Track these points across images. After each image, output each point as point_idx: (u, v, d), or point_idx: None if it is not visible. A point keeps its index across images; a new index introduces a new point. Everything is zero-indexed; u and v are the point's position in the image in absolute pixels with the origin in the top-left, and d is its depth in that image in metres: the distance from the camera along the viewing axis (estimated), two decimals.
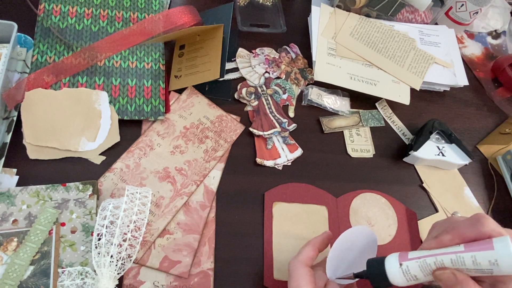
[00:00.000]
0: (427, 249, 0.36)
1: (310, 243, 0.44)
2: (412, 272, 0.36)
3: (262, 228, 0.53)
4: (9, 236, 0.44)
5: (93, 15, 0.59)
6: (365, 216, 0.56)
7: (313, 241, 0.44)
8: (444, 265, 0.34)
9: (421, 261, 0.35)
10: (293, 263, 0.42)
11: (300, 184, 0.57)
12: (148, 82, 0.58)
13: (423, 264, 0.35)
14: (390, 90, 0.66)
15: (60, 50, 0.56)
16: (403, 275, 0.36)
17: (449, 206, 0.60)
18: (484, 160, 0.67)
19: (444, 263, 0.34)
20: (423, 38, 0.73)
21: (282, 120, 0.60)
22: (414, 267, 0.36)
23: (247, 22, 0.68)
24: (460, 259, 0.33)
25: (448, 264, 0.34)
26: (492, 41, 0.83)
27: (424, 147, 0.60)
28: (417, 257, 0.36)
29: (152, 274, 0.47)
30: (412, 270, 0.36)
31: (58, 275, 0.43)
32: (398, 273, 0.36)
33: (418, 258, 0.36)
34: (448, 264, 0.34)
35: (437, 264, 0.35)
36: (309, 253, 0.42)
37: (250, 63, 0.65)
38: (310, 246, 0.43)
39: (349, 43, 0.68)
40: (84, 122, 0.53)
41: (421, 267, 0.35)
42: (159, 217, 0.50)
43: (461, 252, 0.34)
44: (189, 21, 0.60)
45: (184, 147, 0.55)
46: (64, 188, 0.48)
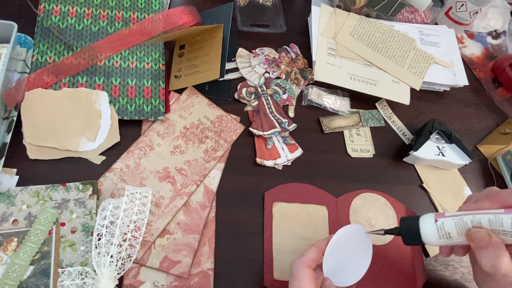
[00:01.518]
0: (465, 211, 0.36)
1: (315, 245, 0.43)
2: (447, 228, 0.35)
3: (262, 228, 0.53)
4: (9, 236, 0.44)
5: (93, 15, 0.59)
6: (365, 216, 0.56)
7: (318, 244, 0.44)
8: (481, 224, 0.34)
9: (458, 218, 0.35)
10: (296, 263, 0.42)
11: (300, 184, 0.57)
12: (148, 82, 0.58)
13: (459, 222, 0.35)
14: (390, 90, 0.66)
15: (60, 50, 0.56)
16: (437, 231, 0.36)
17: (449, 206, 0.60)
18: (484, 160, 0.67)
19: (481, 222, 0.34)
20: (423, 38, 0.73)
21: (282, 120, 0.60)
22: (450, 224, 0.35)
23: (247, 22, 0.68)
24: (499, 219, 0.33)
25: (486, 224, 0.33)
26: (492, 41, 0.83)
27: (424, 147, 0.60)
28: (454, 215, 0.35)
29: (152, 274, 0.47)
30: (447, 227, 0.35)
31: (58, 275, 0.43)
32: (432, 228, 0.36)
33: (455, 215, 0.35)
34: (486, 224, 0.33)
35: (474, 222, 0.34)
36: (313, 254, 0.42)
37: (250, 63, 0.65)
38: (315, 248, 0.43)
39: (349, 43, 0.68)
40: (84, 122, 0.53)
41: (457, 224, 0.35)
42: (159, 217, 0.50)
43: (501, 214, 0.33)
44: (189, 21, 0.60)
45: (184, 147, 0.55)
46: (64, 188, 0.48)
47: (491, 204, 0.35)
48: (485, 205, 0.35)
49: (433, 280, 0.54)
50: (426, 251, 0.56)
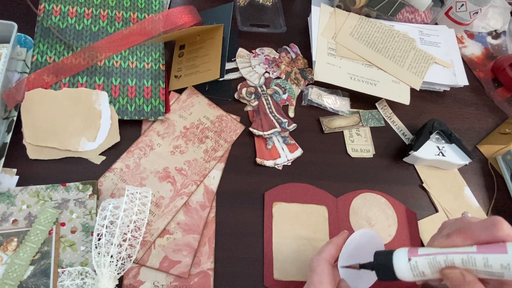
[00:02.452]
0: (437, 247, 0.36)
1: (333, 242, 0.44)
2: (421, 268, 0.35)
3: (262, 228, 0.53)
4: (9, 236, 0.44)
5: (93, 15, 0.59)
6: (365, 216, 0.56)
7: (335, 241, 0.44)
8: (454, 264, 0.34)
9: (431, 258, 0.35)
10: (317, 259, 0.42)
11: (300, 184, 0.57)
12: (148, 82, 0.58)
13: (432, 262, 0.35)
14: (390, 90, 0.66)
15: (60, 50, 0.56)
16: (411, 270, 0.36)
17: (449, 206, 0.60)
18: (484, 160, 0.67)
19: (454, 262, 0.34)
20: (423, 38, 0.73)
21: (282, 120, 0.60)
22: (423, 263, 0.35)
23: (247, 22, 0.68)
24: (472, 259, 0.33)
25: (459, 263, 0.34)
26: (492, 41, 0.83)
27: (424, 147, 0.60)
28: (428, 254, 0.36)
29: (152, 274, 0.47)
30: (421, 266, 0.35)
31: (58, 275, 0.43)
32: (406, 267, 0.36)
33: (428, 254, 0.35)
34: (459, 263, 0.34)
35: (447, 262, 0.34)
36: (331, 251, 0.43)
37: (250, 63, 0.65)
38: (333, 245, 0.44)
39: (349, 43, 0.68)
40: (84, 122, 0.53)
41: (430, 264, 0.35)
42: (159, 217, 0.50)
43: (473, 253, 0.33)
44: (189, 21, 0.60)
45: (184, 147, 0.55)
46: (64, 188, 0.48)
47: (463, 241, 0.35)
48: (457, 241, 0.35)
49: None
50: None
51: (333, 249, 0.43)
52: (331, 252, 0.43)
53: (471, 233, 0.35)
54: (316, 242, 0.53)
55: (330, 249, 0.43)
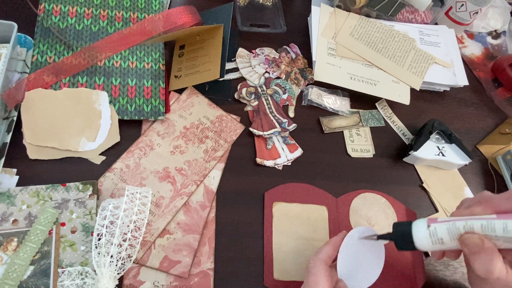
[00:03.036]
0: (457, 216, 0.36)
1: (330, 243, 0.44)
2: (439, 234, 0.35)
3: (262, 228, 0.53)
4: (9, 236, 0.44)
5: (93, 15, 0.59)
6: (365, 216, 0.56)
7: (333, 241, 0.44)
8: (473, 229, 0.34)
9: (450, 223, 0.35)
10: (313, 259, 0.42)
11: (300, 184, 0.57)
12: (148, 82, 0.58)
13: (451, 227, 0.35)
14: (390, 90, 0.66)
15: (60, 50, 0.56)
16: (429, 237, 0.36)
17: (449, 206, 0.60)
18: (484, 160, 0.67)
19: (473, 228, 0.34)
20: (423, 38, 0.73)
21: (282, 120, 0.60)
22: (442, 229, 0.35)
23: (247, 22, 0.68)
24: (491, 225, 0.33)
25: (478, 229, 0.33)
26: (492, 41, 0.83)
27: (424, 147, 0.60)
28: (447, 220, 0.36)
29: (152, 274, 0.47)
30: (440, 232, 0.35)
31: (58, 275, 0.43)
32: (425, 234, 0.36)
33: (447, 221, 0.35)
34: (478, 229, 0.33)
35: (467, 228, 0.34)
36: (329, 251, 0.43)
37: (250, 63, 0.65)
38: (330, 246, 0.44)
39: (349, 43, 0.68)
40: (84, 122, 0.53)
41: (449, 229, 0.35)
42: (159, 217, 0.50)
43: (493, 219, 0.33)
44: (189, 21, 0.60)
45: (184, 147, 0.55)
46: (64, 188, 0.48)
47: (483, 210, 0.35)
48: (477, 210, 0.35)
49: (433, 280, 0.54)
50: (426, 251, 0.56)
51: (330, 249, 0.43)
52: (328, 253, 0.43)
53: (491, 203, 0.35)
54: (316, 242, 0.53)
55: (327, 250, 0.43)
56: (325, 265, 0.42)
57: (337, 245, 0.44)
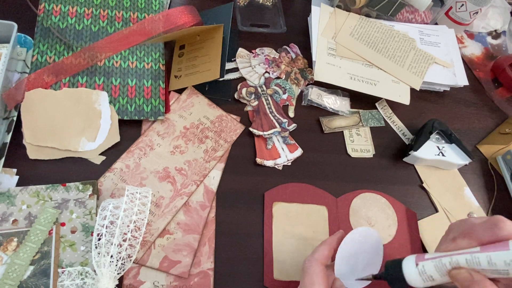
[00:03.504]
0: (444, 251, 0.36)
1: (326, 243, 0.44)
2: (428, 272, 0.36)
3: (262, 228, 0.53)
4: (9, 236, 0.44)
5: (93, 15, 0.59)
6: (365, 216, 0.56)
7: (329, 241, 0.44)
8: (459, 265, 0.34)
9: (436, 261, 0.35)
10: (309, 260, 0.42)
11: (300, 184, 0.57)
12: (148, 82, 0.58)
13: (438, 264, 0.35)
14: (390, 90, 0.66)
15: (60, 50, 0.56)
16: (419, 276, 0.36)
17: (449, 206, 0.60)
18: (484, 160, 0.67)
19: (459, 263, 0.34)
20: (423, 38, 0.73)
21: (282, 120, 0.60)
22: (430, 267, 0.36)
23: (247, 22, 0.68)
24: (475, 259, 0.33)
25: (463, 264, 0.34)
26: (492, 41, 0.83)
27: (424, 147, 0.60)
28: (433, 257, 0.36)
29: (152, 274, 0.47)
30: (428, 270, 0.36)
31: (58, 275, 0.43)
32: (415, 273, 0.37)
33: (433, 258, 0.36)
34: (463, 264, 0.34)
35: (452, 264, 0.34)
36: (325, 251, 0.43)
37: (250, 63, 0.65)
38: (326, 246, 0.44)
39: (349, 43, 0.68)
40: (84, 122, 0.53)
41: (437, 267, 0.35)
42: (159, 217, 0.50)
43: (477, 253, 0.33)
44: (189, 21, 0.60)
45: (184, 147, 0.55)
46: (64, 188, 0.48)
47: (468, 243, 0.35)
48: (462, 244, 0.35)
49: None
50: (426, 251, 0.56)
51: (326, 249, 0.43)
52: (324, 253, 0.43)
53: (474, 235, 0.35)
54: (316, 242, 0.53)
55: (323, 250, 0.43)
56: (321, 265, 0.42)
57: (333, 245, 0.44)
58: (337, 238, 0.44)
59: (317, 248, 0.44)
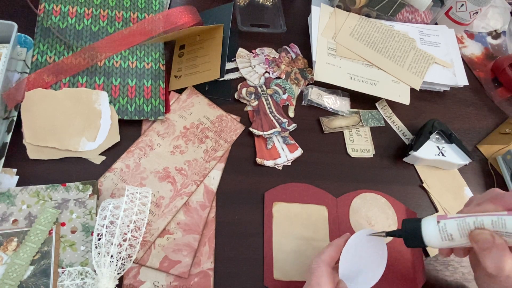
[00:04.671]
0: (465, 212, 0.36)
1: (333, 244, 0.44)
2: (449, 230, 0.35)
3: (262, 228, 0.53)
4: (9, 236, 0.44)
5: (93, 15, 0.59)
6: (365, 216, 0.56)
7: (335, 243, 0.44)
8: (483, 226, 0.33)
9: (460, 220, 0.35)
10: (316, 261, 0.42)
11: (300, 184, 0.57)
12: (148, 82, 0.58)
13: (461, 223, 0.34)
14: (390, 90, 0.66)
15: (60, 50, 0.56)
16: (439, 233, 0.35)
17: (449, 206, 0.60)
18: (484, 160, 0.67)
19: (484, 224, 0.33)
20: (423, 38, 0.73)
21: (282, 120, 0.60)
22: (452, 225, 0.35)
23: (247, 22, 0.68)
24: (502, 221, 0.33)
25: (488, 225, 0.33)
26: (492, 41, 0.83)
27: (424, 147, 0.60)
28: (457, 217, 0.35)
29: (152, 274, 0.47)
30: (449, 228, 0.35)
31: (58, 275, 0.43)
32: (434, 230, 0.36)
33: (458, 217, 0.35)
34: (488, 225, 0.33)
35: (477, 224, 0.34)
36: (331, 253, 0.43)
37: (250, 63, 0.65)
38: (333, 247, 0.44)
39: (349, 43, 0.68)
40: (84, 122, 0.53)
41: (459, 226, 0.34)
42: (159, 217, 0.50)
43: (504, 215, 0.33)
44: (189, 21, 0.60)
45: (184, 147, 0.55)
46: (64, 188, 0.48)
47: (494, 207, 0.35)
48: (488, 207, 0.35)
49: (433, 280, 0.54)
50: (426, 251, 0.56)
51: (333, 251, 0.43)
52: (331, 254, 0.43)
53: (503, 200, 0.35)
54: (316, 242, 0.53)
55: (330, 251, 0.43)
56: (328, 266, 0.42)
57: (340, 247, 0.44)
58: (344, 240, 0.44)
59: (325, 249, 0.44)
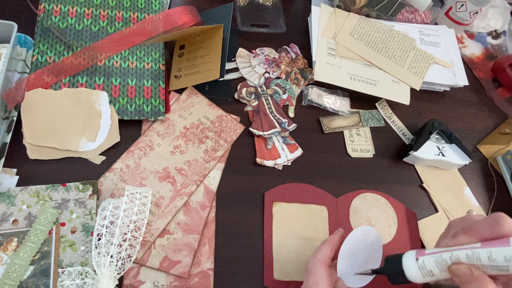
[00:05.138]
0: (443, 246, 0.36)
1: (328, 242, 0.44)
2: (428, 267, 0.36)
3: (262, 228, 0.53)
4: (9, 236, 0.44)
5: (93, 15, 0.59)
6: (365, 216, 0.56)
7: (330, 240, 0.44)
8: (459, 260, 0.34)
9: (436, 256, 0.35)
10: (313, 260, 0.42)
11: (300, 184, 0.57)
12: (148, 82, 0.58)
13: (438, 259, 0.35)
14: (390, 90, 0.66)
15: (60, 50, 0.56)
16: (419, 270, 0.36)
17: (449, 206, 0.60)
18: (484, 160, 0.67)
19: (459, 258, 0.34)
20: (423, 38, 0.73)
21: (282, 120, 0.60)
22: (430, 262, 0.36)
23: (247, 22, 0.68)
24: (476, 254, 0.33)
25: (464, 259, 0.34)
26: (492, 41, 0.83)
27: (424, 147, 0.60)
28: (433, 252, 0.36)
29: (152, 274, 0.47)
30: (428, 265, 0.36)
31: (58, 275, 0.43)
32: (415, 268, 0.36)
33: (434, 253, 0.36)
34: (464, 259, 0.34)
35: (453, 259, 0.34)
36: (327, 251, 0.43)
37: (250, 63, 0.65)
38: (328, 245, 0.44)
39: (349, 43, 0.68)
40: (84, 122, 0.53)
41: (437, 262, 0.35)
42: (159, 217, 0.50)
43: (477, 248, 0.33)
44: (189, 21, 0.60)
45: (184, 147, 0.55)
46: (64, 188, 0.48)
47: (469, 239, 0.35)
48: (463, 239, 0.35)
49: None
50: None
51: (328, 249, 0.43)
52: (326, 253, 0.43)
53: (475, 231, 0.35)
54: (316, 242, 0.53)
55: (325, 250, 0.43)
56: (325, 265, 0.42)
57: (335, 244, 0.44)
58: (338, 237, 0.45)
59: (319, 248, 0.44)
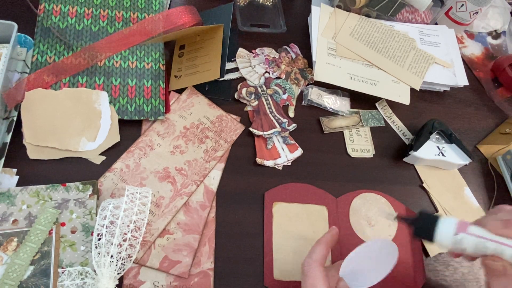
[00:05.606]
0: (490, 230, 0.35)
1: (322, 242, 0.44)
2: (465, 245, 0.34)
3: (262, 228, 0.53)
4: (9, 236, 0.44)
5: (93, 15, 0.59)
6: (365, 216, 0.56)
7: (324, 240, 0.44)
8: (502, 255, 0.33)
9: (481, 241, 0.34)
10: (308, 262, 0.42)
11: (300, 184, 0.57)
12: (148, 82, 0.58)
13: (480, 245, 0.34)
14: (390, 90, 0.66)
15: (60, 50, 0.56)
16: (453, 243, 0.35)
17: (449, 206, 0.60)
18: (484, 160, 0.67)
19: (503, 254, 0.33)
20: (423, 38, 0.73)
21: (282, 120, 0.60)
22: (470, 242, 0.34)
23: (247, 22, 0.68)
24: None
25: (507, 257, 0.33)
26: (492, 41, 0.83)
27: (424, 147, 0.60)
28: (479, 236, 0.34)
29: (152, 274, 0.47)
30: (466, 243, 0.34)
31: (58, 275, 0.43)
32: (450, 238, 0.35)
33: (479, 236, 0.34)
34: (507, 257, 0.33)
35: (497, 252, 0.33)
36: (322, 251, 0.43)
37: (250, 63, 0.65)
38: (323, 245, 0.43)
39: (349, 43, 0.68)
40: (84, 122, 0.53)
41: (477, 246, 0.34)
42: (159, 217, 0.50)
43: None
44: (189, 21, 0.60)
45: (184, 147, 0.55)
46: (64, 188, 0.48)
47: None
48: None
49: (433, 280, 0.54)
50: (426, 251, 0.56)
51: (323, 249, 0.43)
52: (321, 253, 0.42)
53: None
54: None
55: (320, 250, 0.43)
56: (320, 266, 0.41)
57: (328, 243, 0.43)
58: (331, 236, 0.44)
59: (314, 248, 0.43)
